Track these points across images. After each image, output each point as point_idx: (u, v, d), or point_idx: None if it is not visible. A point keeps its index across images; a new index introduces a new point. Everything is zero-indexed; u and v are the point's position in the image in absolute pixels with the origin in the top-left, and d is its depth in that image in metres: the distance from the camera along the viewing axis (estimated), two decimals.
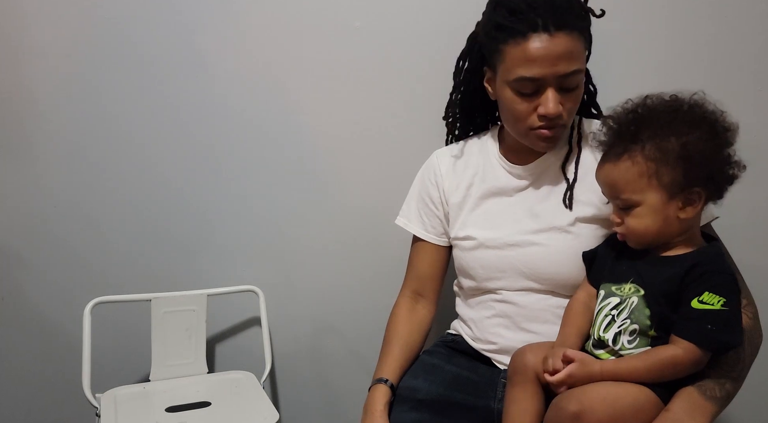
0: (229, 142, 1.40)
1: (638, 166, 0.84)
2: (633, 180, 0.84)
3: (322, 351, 1.51)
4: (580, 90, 0.97)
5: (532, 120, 0.97)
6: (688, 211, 0.84)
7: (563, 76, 0.93)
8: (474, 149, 1.14)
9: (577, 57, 0.93)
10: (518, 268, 1.03)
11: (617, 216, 0.89)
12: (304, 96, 1.37)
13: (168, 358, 1.34)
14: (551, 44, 0.91)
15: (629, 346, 0.86)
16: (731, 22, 1.27)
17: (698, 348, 0.81)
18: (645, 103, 0.87)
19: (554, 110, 0.94)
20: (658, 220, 0.85)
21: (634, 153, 0.84)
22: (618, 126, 0.88)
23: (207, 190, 1.42)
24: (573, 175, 1.03)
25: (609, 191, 0.89)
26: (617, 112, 0.89)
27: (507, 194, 1.08)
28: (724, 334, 0.81)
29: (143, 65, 1.35)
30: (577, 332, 0.93)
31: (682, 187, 0.83)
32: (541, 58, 0.91)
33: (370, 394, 1.05)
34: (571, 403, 0.80)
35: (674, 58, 1.29)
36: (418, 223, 1.17)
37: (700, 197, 0.84)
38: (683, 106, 0.85)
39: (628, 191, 0.85)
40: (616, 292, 0.89)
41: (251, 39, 1.35)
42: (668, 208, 0.84)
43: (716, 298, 0.80)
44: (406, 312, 1.16)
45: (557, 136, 0.99)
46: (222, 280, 1.42)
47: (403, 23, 1.33)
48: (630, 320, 0.85)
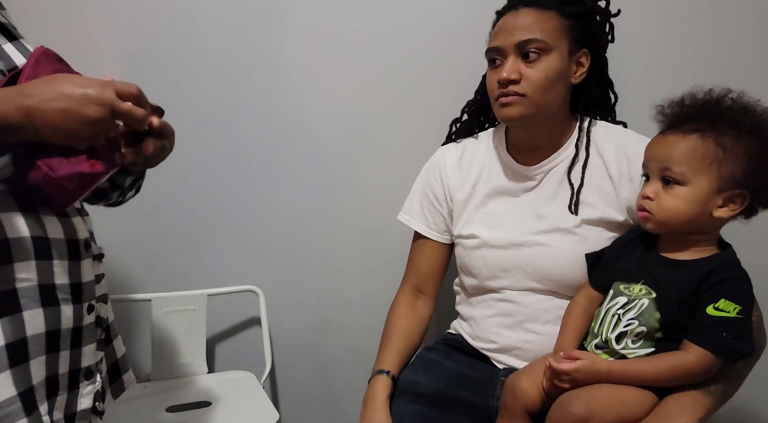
0: (229, 143, 1.39)
1: (706, 148, 0.82)
2: (695, 158, 0.82)
3: (321, 351, 1.51)
4: (544, 64, 0.97)
5: (496, 90, 1.00)
6: (724, 212, 0.83)
7: (520, 44, 0.96)
8: (480, 146, 1.14)
9: (539, 29, 0.96)
10: (522, 268, 1.03)
11: (653, 191, 0.86)
12: (304, 96, 1.37)
13: (168, 358, 1.34)
14: (514, 17, 0.99)
15: (633, 347, 0.85)
16: (731, 22, 1.27)
17: (712, 355, 0.80)
18: (732, 96, 0.85)
19: (505, 74, 0.97)
20: (695, 208, 0.83)
21: (707, 134, 0.82)
22: (698, 106, 0.86)
23: (207, 191, 1.42)
24: (579, 179, 1.02)
25: (662, 161, 0.85)
26: (697, 96, 0.87)
27: (513, 194, 1.08)
28: (739, 342, 0.80)
29: (147, 63, 1.35)
30: (576, 335, 0.94)
31: (733, 186, 0.82)
32: (503, 30, 0.99)
33: (370, 386, 1.04)
34: (578, 406, 0.80)
35: (674, 58, 1.29)
36: (421, 220, 1.16)
37: (742, 202, 0.83)
38: (766, 111, 0.84)
39: (684, 166, 0.83)
40: (625, 291, 0.89)
41: (252, 39, 1.35)
42: (710, 200, 0.83)
43: (732, 305, 0.80)
44: (406, 308, 1.15)
45: (517, 106, 0.98)
46: (222, 280, 1.42)
47: (405, 24, 1.33)
48: (638, 322, 0.85)
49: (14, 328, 0.64)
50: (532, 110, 0.98)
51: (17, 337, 0.65)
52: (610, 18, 1.07)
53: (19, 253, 0.65)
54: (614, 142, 1.02)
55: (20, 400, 0.64)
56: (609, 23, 1.08)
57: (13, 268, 0.65)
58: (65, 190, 0.69)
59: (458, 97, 1.25)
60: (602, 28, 1.07)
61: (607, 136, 1.04)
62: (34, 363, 0.66)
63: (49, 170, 0.67)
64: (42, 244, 0.68)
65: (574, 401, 0.82)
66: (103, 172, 0.71)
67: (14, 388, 0.64)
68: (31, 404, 0.65)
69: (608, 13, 1.06)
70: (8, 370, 0.64)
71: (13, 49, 0.71)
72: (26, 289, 0.66)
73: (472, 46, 1.12)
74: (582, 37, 1.01)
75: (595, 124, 1.07)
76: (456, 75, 1.31)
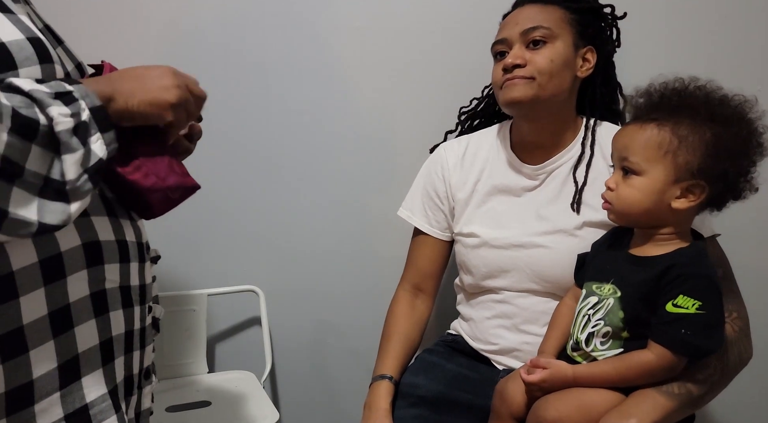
0: (229, 143, 1.39)
1: (662, 137, 0.81)
2: (649, 147, 0.82)
3: (322, 351, 1.51)
4: (550, 50, 0.98)
5: (501, 78, 1.01)
6: (682, 202, 0.82)
7: (525, 32, 0.99)
8: (483, 143, 1.13)
9: (544, 18, 0.99)
10: (522, 269, 1.03)
11: (613, 181, 0.86)
12: (304, 96, 1.37)
13: (168, 358, 1.34)
14: (519, 12, 1.03)
15: (602, 348, 0.85)
16: (732, 22, 1.27)
17: (671, 353, 0.79)
18: (696, 84, 0.85)
19: (510, 59, 0.99)
20: (651, 198, 0.82)
21: (664, 124, 0.82)
22: (660, 96, 0.85)
23: (207, 190, 1.41)
24: (583, 178, 1.02)
25: (620, 151, 0.86)
26: (663, 85, 0.86)
27: (515, 194, 1.07)
28: (699, 338, 0.79)
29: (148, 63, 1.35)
30: (560, 335, 0.94)
31: (690, 175, 0.80)
32: (508, 23, 1.03)
33: (372, 391, 1.04)
34: (548, 411, 0.82)
35: (674, 58, 1.29)
36: (421, 217, 1.15)
37: (701, 193, 0.81)
38: (732, 102, 0.83)
39: (639, 156, 0.82)
40: (596, 291, 0.88)
41: (251, 39, 1.35)
42: (666, 190, 0.82)
43: (691, 301, 0.78)
44: (405, 308, 1.15)
45: (521, 87, 0.98)
46: (222, 280, 1.42)
47: (404, 23, 1.33)
48: (603, 322, 0.85)
49: (104, 327, 0.66)
50: (538, 92, 0.98)
51: (106, 337, 0.66)
52: (616, 20, 1.08)
53: (108, 256, 0.67)
54: None
55: (110, 398, 0.66)
56: (616, 28, 1.09)
57: (104, 270, 0.66)
58: (168, 199, 0.72)
59: (459, 96, 1.25)
60: (608, 29, 1.08)
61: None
62: (117, 363, 0.68)
63: (158, 179, 0.69)
64: (123, 247, 0.70)
65: (544, 406, 0.83)
66: (197, 187, 0.75)
67: (105, 386, 0.66)
68: (116, 403, 0.67)
69: (614, 15, 1.07)
70: (101, 369, 0.65)
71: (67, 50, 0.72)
72: (112, 291, 0.68)
73: (473, 45, 1.12)
74: (587, 33, 1.02)
75: (600, 125, 1.06)
76: (457, 73, 1.31)
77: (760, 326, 1.04)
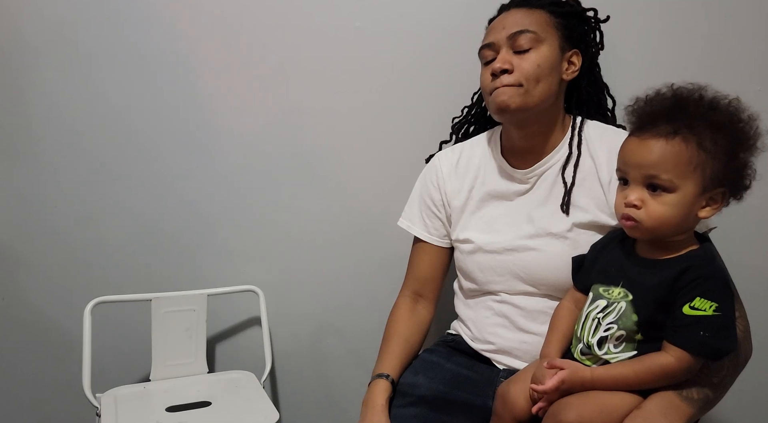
0: (229, 143, 1.40)
1: (690, 152, 0.80)
2: (680, 164, 0.80)
3: (322, 351, 1.51)
4: (536, 54, 0.99)
5: (489, 83, 1.01)
6: (707, 211, 0.82)
7: (512, 36, 0.99)
8: (476, 151, 1.14)
9: (530, 22, 0.99)
10: (515, 272, 1.04)
11: (638, 199, 0.82)
12: (304, 96, 1.37)
13: (168, 358, 1.34)
14: (505, 17, 1.03)
15: (615, 351, 0.85)
16: (731, 22, 1.27)
17: (690, 355, 0.80)
18: (700, 93, 0.84)
19: (498, 64, 0.99)
20: (683, 212, 0.82)
21: (688, 137, 0.80)
22: (668, 105, 0.84)
23: (207, 190, 1.42)
24: (571, 178, 1.03)
25: (646, 169, 0.82)
26: (664, 93, 0.85)
27: (507, 198, 1.08)
28: (718, 340, 0.79)
29: (144, 66, 1.35)
30: (562, 338, 0.93)
31: (716, 185, 0.81)
32: (495, 27, 1.04)
33: (370, 389, 1.05)
34: (569, 414, 0.80)
35: (673, 58, 1.29)
36: (420, 225, 1.17)
37: (723, 198, 0.83)
38: (730, 105, 0.83)
39: (672, 173, 0.80)
40: (604, 294, 0.88)
41: (251, 39, 1.35)
42: (696, 202, 0.82)
43: (708, 303, 0.79)
44: (406, 312, 1.16)
45: (510, 95, 0.98)
46: (222, 280, 1.43)
47: (404, 24, 1.33)
48: (617, 326, 0.85)
49: None
50: (526, 99, 0.98)
51: None
52: (599, 24, 1.10)
53: None
54: (607, 146, 1.02)
55: None
56: (599, 31, 1.10)
57: None
58: None
59: (457, 98, 1.25)
60: (592, 33, 1.10)
61: (601, 138, 1.04)
62: None
63: None
64: None
65: (565, 410, 0.81)
66: None
67: None
68: None
69: (597, 18, 1.09)
70: None
71: None
72: None
73: (470, 47, 1.12)
74: (572, 36, 1.03)
75: (588, 124, 1.07)
76: (455, 75, 1.31)
77: (760, 326, 1.03)
